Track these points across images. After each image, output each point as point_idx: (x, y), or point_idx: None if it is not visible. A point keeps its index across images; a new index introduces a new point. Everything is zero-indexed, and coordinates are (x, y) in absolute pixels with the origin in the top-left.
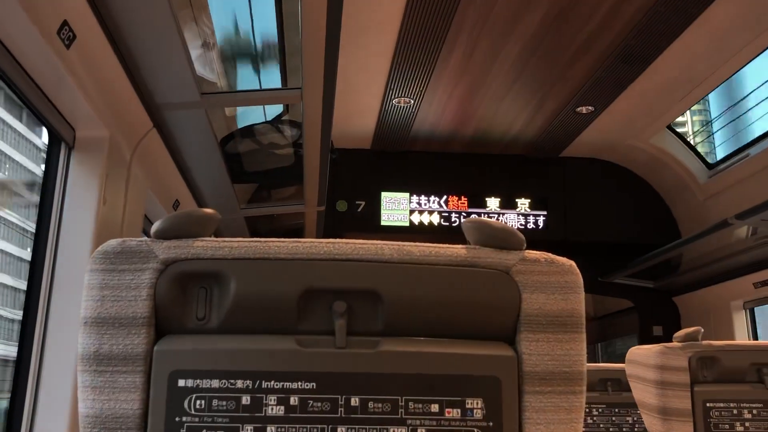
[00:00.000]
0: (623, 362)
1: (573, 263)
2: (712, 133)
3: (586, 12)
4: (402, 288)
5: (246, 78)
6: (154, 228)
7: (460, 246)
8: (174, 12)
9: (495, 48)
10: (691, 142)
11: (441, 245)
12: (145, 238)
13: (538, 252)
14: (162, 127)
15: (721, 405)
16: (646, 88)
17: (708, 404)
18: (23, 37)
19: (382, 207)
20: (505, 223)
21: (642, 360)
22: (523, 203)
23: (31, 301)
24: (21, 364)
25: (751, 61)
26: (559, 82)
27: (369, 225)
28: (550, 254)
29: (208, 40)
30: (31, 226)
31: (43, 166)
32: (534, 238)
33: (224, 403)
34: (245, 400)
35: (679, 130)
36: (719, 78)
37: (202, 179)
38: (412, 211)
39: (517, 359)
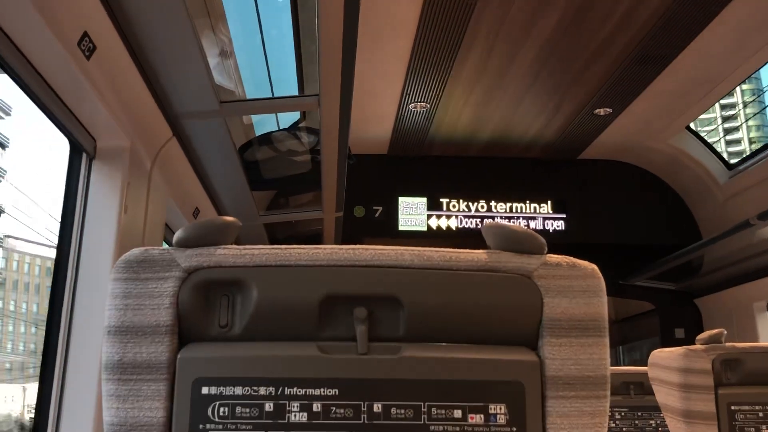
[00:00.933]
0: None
1: (595, 267)
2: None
3: (602, 13)
4: (423, 293)
5: (263, 86)
6: (176, 237)
7: (480, 251)
8: (192, 21)
9: (511, 51)
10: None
11: (461, 250)
12: (168, 246)
13: (559, 256)
14: (181, 136)
15: (747, 408)
16: (664, 89)
17: (733, 407)
18: (44, 48)
19: (399, 212)
20: (525, 226)
21: (665, 363)
22: (541, 206)
23: (54, 310)
24: (45, 373)
25: None
26: (576, 84)
27: (387, 230)
28: (571, 258)
29: (225, 49)
30: None
31: None
32: (553, 241)
33: (248, 410)
34: (268, 406)
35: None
36: (739, 77)
37: (222, 187)
38: (429, 216)
39: (540, 364)
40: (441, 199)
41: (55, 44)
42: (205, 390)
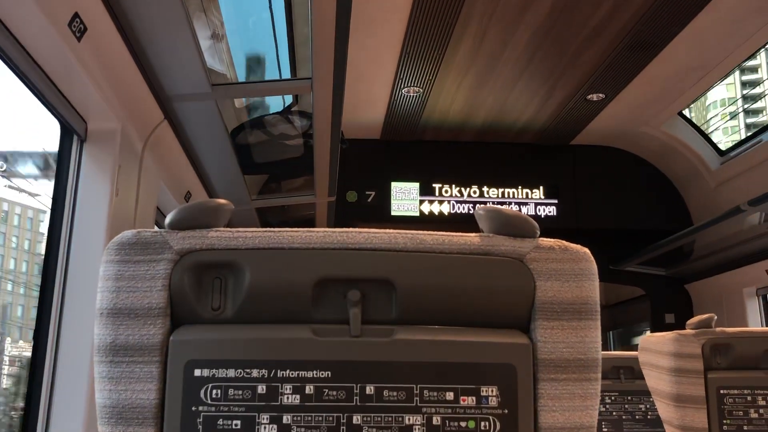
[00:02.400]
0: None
1: (587, 250)
2: None
3: None
4: (416, 276)
5: (255, 69)
6: (168, 219)
7: (473, 234)
8: (184, 3)
9: (504, 36)
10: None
11: (454, 233)
12: (160, 229)
13: (552, 239)
14: (173, 118)
15: (735, 392)
16: (657, 75)
17: (722, 391)
18: (35, 29)
19: (392, 197)
20: (518, 210)
21: (655, 347)
22: (534, 192)
23: (46, 292)
24: (37, 355)
25: (764, 46)
26: (569, 70)
27: (379, 215)
28: (564, 242)
29: (217, 32)
30: None
31: None
32: (545, 227)
33: (240, 392)
34: (261, 389)
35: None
36: (732, 63)
37: (213, 171)
38: (422, 201)
39: (531, 347)
40: (434, 185)
41: (45, 25)
42: (197, 372)
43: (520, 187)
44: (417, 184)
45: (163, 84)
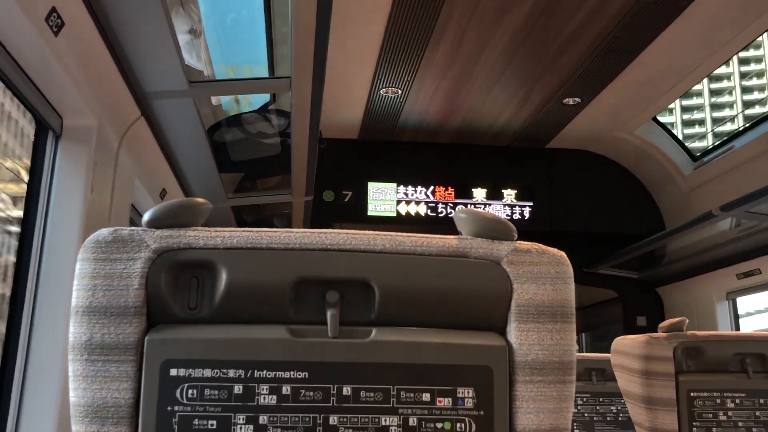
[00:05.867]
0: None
1: (563, 254)
2: None
3: (574, 3)
4: (394, 278)
5: (233, 66)
6: (146, 217)
7: (451, 236)
8: None
9: (483, 39)
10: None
11: (433, 236)
12: (137, 227)
13: (529, 243)
14: (150, 115)
15: (705, 394)
16: (632, 80)
17: (692, 393)
18: (11, 23)
19: (369, 197)
20: (492, 212)
21: (627, 350)
22: (509, 194)
23: (18, 289)
24: (8, 353)
25: (737, 53)
26: (546, 74)
27: (356, 215)
28: (541, 245)
29: (195, 28)
30: None
31: None
32: (520, 229)
33: (216, 392)
34: (237, 389)
35: None
36: (705, 70)
37: (189, 168)
38: (399, 202)
39: (508, 349)
40: (411, 185)
41: (22, 19)
42: (173, 372)
43: (495, 188)
44: (394, 185)
45: (140, 80)
